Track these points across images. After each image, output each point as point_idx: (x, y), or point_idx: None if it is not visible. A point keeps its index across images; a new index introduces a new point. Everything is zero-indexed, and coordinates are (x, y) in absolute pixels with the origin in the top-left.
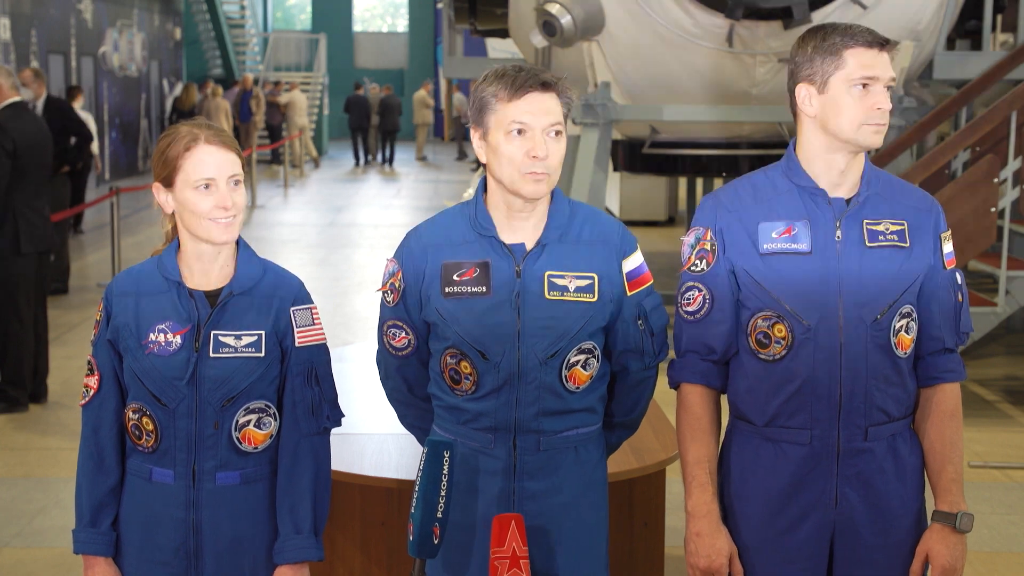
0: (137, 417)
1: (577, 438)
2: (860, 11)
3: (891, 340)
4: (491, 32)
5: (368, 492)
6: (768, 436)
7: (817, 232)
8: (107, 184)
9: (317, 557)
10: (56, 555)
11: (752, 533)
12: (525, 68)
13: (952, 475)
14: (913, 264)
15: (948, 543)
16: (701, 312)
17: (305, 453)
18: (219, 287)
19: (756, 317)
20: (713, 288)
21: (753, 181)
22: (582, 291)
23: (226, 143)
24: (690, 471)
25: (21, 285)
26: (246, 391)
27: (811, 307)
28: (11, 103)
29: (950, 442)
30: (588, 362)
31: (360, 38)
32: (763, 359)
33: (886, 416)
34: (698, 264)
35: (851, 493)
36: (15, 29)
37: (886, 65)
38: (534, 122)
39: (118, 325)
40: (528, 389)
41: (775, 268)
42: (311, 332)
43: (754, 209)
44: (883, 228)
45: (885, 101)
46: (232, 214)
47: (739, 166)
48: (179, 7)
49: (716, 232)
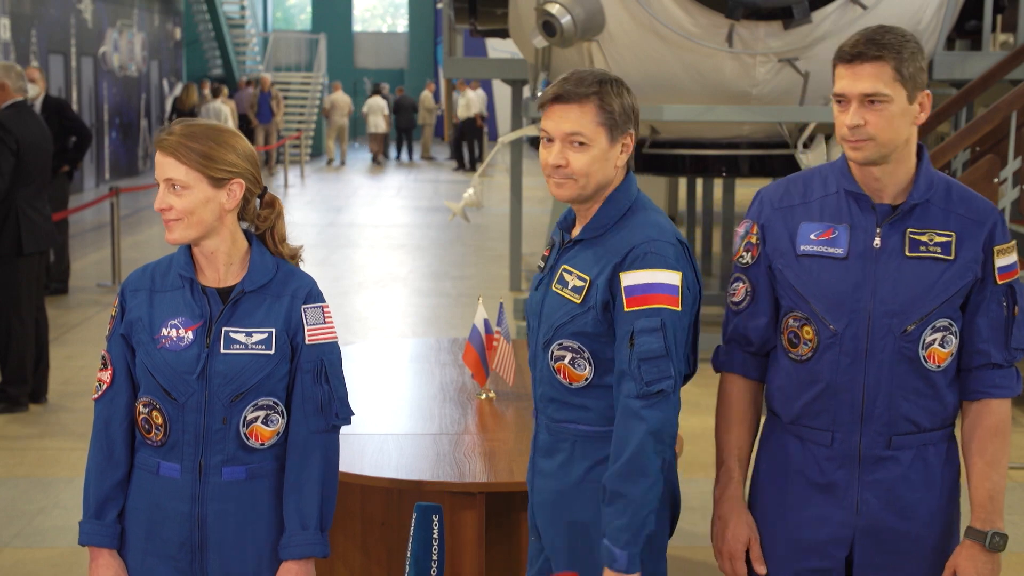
0: (147, 411)
1: (577, 433)
2: (860, 11)
3: (920, 353)
4: (491, 32)
5: (368, 492)
6: (795, 433)
7: (856, 237)
8: (107, 184)
9: (322, 553)
10: (56, 555)
11: (773, 524)
12: (567, 78)
13: (989, 493)
14: (954, 277)
15: (976, 561)
16: (743, 304)
17: (313, 450)
18: (232, 284)
19: (788, 316)
20: (755, 282)
21: (807, 177)
22: (575, 291)
23: (166, 148)
24: (720, 457)
25: (23, 285)
26: (255, 388)
27: (840, 313)
28: (13, 103)
29: (991, 460)
30: (576, 362)
31: (360, 38)
32: (792, 358)
33: (914, 426)
34: (744, 256)
35: (873, 500)
36: (15, 29)
37: (854, 80)
38: (553, 131)
39: (132, 320)
40: (537, 369)
41: (809, 270)
42: (322, 330)
43: (800, 208)
44: (927, 238)
45: (853, 117)
46: (173, 216)
47: (739, 166)
48: (179, 7)
49: (760, 227)
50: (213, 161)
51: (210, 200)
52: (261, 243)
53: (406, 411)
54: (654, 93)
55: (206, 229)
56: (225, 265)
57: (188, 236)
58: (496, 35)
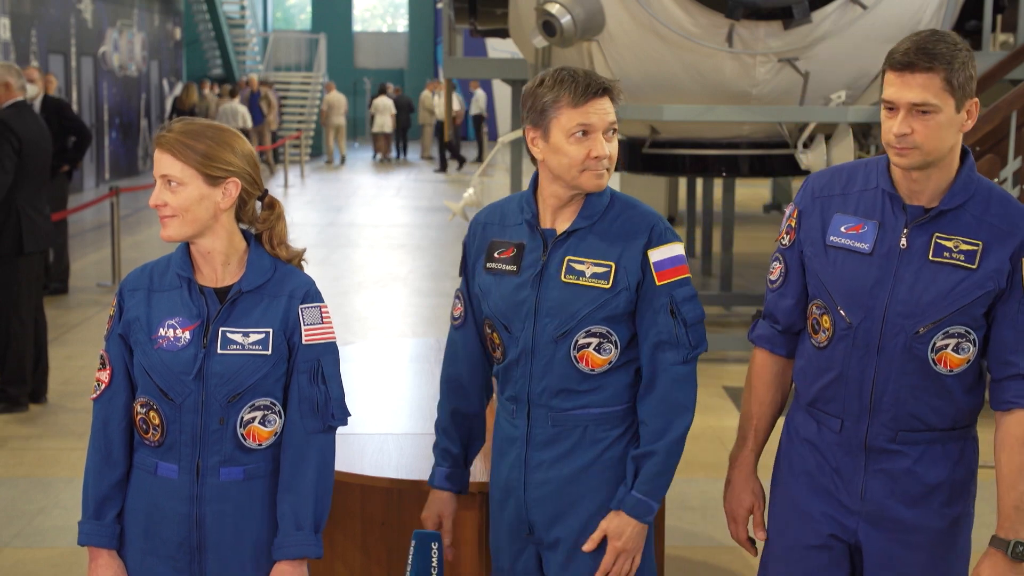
0: (144, 411)
1: (588, 417)
2: (860, 11)
3: (930, 356)
4: (491, 32)
5: (368, 492)
6: (811, 414)
7: (884, 235)
8: (107, 184)
9: (316, 554)
10: (56, 555)
11: (784, 498)
12: (585, 74)
13: (1015, 502)
14: (973, 286)
15: (997, 569)
16: (778, 283)
17: (309, 450)
18: (230, 284)
19: (812, 304)
20: (790, 263)
21: (853, 169)
22: (598, 277)
23: (164, 145)
24: (740, 423)
25: (23, 284)
26: (252, 388)
27: (857, 307)
28: (14, 103)
29: (1018, 469)
30: (603, 346)
31: (360, 38)
32: (813, 344)
33: (922, 424)
34: (785, 238)
35: (878, 488)
36: (15, 29)
37: (904, 88)
38: (598, 124)
39: (129, 320)
40: (539, 364)
41: (834, 262)
42: (319, 330)
43: (839, 199)
44: (952, 245)
45: (900, 126)
46: (167, 213)
47: (739, 166)
48: (179, 7)
49: (800, 212)
50: (210, 159)
51: (205, 198)
52: (259, 244)
53: (406, 411)
54: (654, 93)
55: (201, 227)
56: (222, 265)
57: (182, 234)
58: (496, 35)
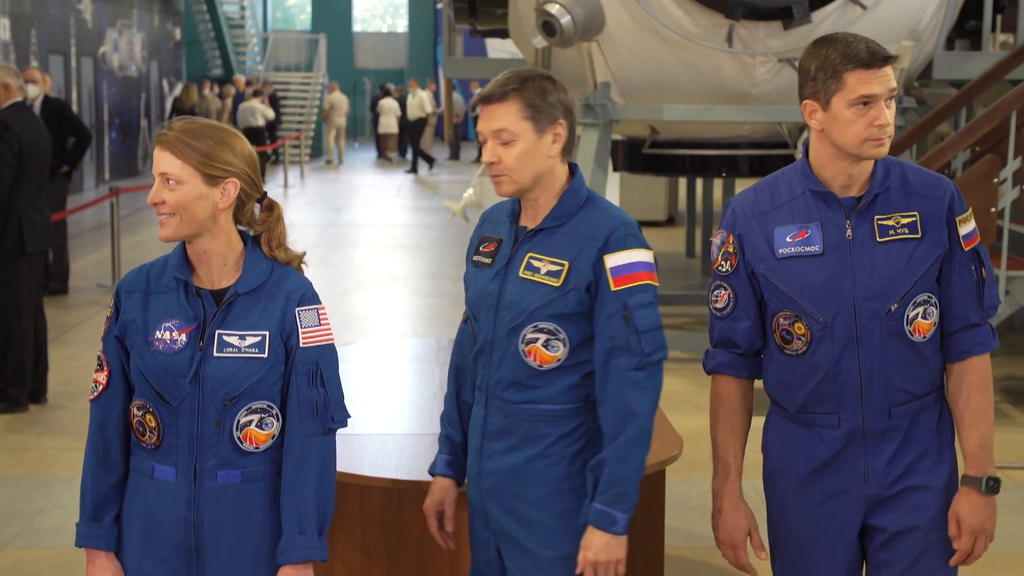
0: (141, 414)
1: (535, 412)
2: (860, 11)
3: (906, 328)
4: (491, 32)
5: (368, 492)
6: (802, 421)
7: (829, 233)
8: (107, 184)
9: (320, 557)
10: (56, 555)
11: (789, 504)
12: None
13: (979, 441)
14: (925, 253)
15: (975, 505)
16: (727, 310)
17: (310, 453)
18: (226, 286)
19: (778, 316)
20: (737, 288)
21: (773, 182)
22: (551, 275)
23: (164, 143)
24: (716, 454)
25: (23, 284)
26: (248, 391)
27: (826, 305)
28: (13, 103)
29: (978, 410)
30: (551, 343)
31: (360, 38)
32: (788, 354)
33: (908, 395)
34: (724, 265)
35: (879, 468)
36: (15, 29)
37: (884, 80)
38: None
39: (126, 322)
40: (496, 356)
41: (791, 271)
42: (317, 332)
43: (772, 214)
44: (893, 222)
45: (883, 116)
46: (165, 211)
47: (739, 166)
48: (179, 7)
49: (736, 237)
50: (209, 158)
51: (203, 197)
52: (256, 245)
53: (406, 411)
54: (654, 93)
55: (198, 227)
56: (219, 266)
57: (180, 233)
58: (496, 35)
